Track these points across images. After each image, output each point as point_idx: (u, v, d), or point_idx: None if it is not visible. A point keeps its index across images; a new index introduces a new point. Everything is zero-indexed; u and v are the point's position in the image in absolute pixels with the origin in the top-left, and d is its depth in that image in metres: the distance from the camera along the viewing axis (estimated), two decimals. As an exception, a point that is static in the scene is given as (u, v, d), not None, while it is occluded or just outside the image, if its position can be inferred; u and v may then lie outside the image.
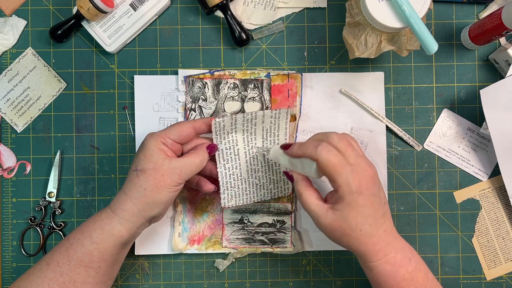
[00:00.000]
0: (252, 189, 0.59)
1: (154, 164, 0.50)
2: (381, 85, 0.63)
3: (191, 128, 0.54)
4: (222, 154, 0.57)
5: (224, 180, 0.58)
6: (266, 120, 0.57)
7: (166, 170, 0.50)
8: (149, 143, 0.52)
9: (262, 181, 0.59)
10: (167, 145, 0.52)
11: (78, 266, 0.50)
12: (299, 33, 0.63)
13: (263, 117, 0.56)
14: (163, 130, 0.53)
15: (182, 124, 0.54)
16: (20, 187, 0.63)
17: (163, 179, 0.50)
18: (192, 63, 0.63)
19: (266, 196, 0.60)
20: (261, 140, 0.58)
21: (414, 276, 0.49)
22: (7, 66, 0.63)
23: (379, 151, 0.62)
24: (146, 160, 0.51)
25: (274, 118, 0.57)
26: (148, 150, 0.51)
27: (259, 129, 0.57)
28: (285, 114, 0.57)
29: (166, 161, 0.51)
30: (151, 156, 0.51)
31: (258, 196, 0.60)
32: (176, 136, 0.53)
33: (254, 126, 0.57)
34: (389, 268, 0.49)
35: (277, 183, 0.60)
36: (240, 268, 0.63)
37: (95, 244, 0.50)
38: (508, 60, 0.59)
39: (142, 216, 0.51)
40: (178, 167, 0.51)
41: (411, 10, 0.50)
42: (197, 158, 0.53)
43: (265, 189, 0.60)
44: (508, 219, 0.63)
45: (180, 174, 0.51)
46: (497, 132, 0.58)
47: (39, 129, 0.63)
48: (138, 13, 0.61)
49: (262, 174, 0.59)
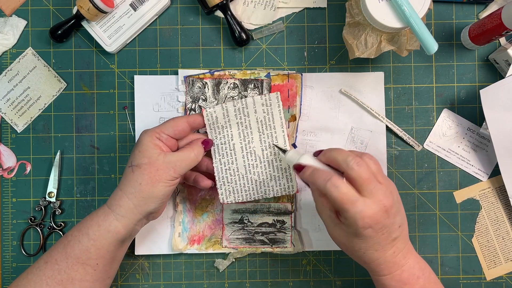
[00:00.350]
0: (251, 185, 0.59)
1: (149, 158, 0.51)
2: (381, 85, 0.63)
3: (186, 122, 0.54)
4: (217, 149, 0.57)
5: (220, 175, 0.58)
6: (258, 110, 0.56)
7: (161, 165, 0.51)
8: (144, 138, 0.52)
9: (262, 177, 0.58)
10: (162, 140, 0.52)
11: (75, 263, 0.50)
12: (299, 33, 0.63)
13: (254, 104, 0.56)
14: (158, 126, 0.53)
15: (176, 119, 0.54)
16: (20, 187, 0.63)
17: (158, 174, 0.50)
18: (192, 63, 0.63)
19: (268, 194, 0.59)
20: (258, 134, 0.57)
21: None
22: (7, 66, 0.63)
23: (379, 151, 0.62)
24: (141, 155, 0.51)
25: (266, 106, 0.56)
26: (143, 145, 0.51)
27: (253, 121, 0.57)
28: (276, 100, 0.56)
29: (161, 155, 0.51)
30: (146, 151, 0.51)
31: (259, 193, 0.59)
32: (171, 131, 0.53)
33: (248, 117, 0.57)
34: (394, 284, 0.48)
35: (279, 180, 0.59)
36: (240, 268, 0.63)
37: (92, 240, 0.50)
38: (508, 60, 0.59)
39: (138, 211, 0.51)
40: (173, 161, 0.51)
41: (411, 10, 0.50)
42: (192, 152, 0.53)
43: (266, 186, 0.59)
44: (508, 219, 0.63)
45: (175, 168, 0.51)
46: (497, 132, 0.58)
47: (39, 129, 0.63)
48: (138, 13, 0.61)
49: (261, 170, 0.58)
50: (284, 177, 0.59)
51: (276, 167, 0.58)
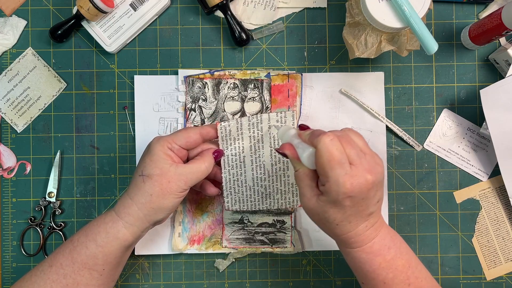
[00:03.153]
0: (257, 197, 0.59)
1: (161, 169, 0.50)
2: (381, 85, 0.63)
3: (198, 134, 0.54)
4: (227, 160, 0.57)
5: (228, 185, 0.58)
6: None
7: (173, 176, 0.50)
8: (156, 147, 0.51)
9: (269, 190, 0.59)
10: (174, 150, 0.52)
11: (82, 268, 0.50)
12: (299, 33, 0.63)
13: (269, 120, 0.56)
14: (170, 135, 0.53)
15: (189, 130, 0.53)
16: (20, 187, 0.63)
17: (169, 186, 0.50)
18: (192, 63, 0.63)
19: (272, 206, 0.60)
20: (269, 148, 0.57)
21: (393, 264, 0.48)
22: (7, 66, 0.63)
23: (379, 151, 0.62)
24: (152, 166, 0.51)
25: (281, 122, 0.56)
26: (155, 155, 0.51)
27: (266, 136, 0.57)
28: (291, 118, 0.56)
29: (173, 167, 0.51)
30: (158, 161, 0.51)
31: (264, 204, 0.59)
32: (183, 142, 0.53)
33: (261, 131, 0.56)
34: (364, 256, 0.48)
35: (285, 194, 0.59)
36: (240, 268, 0.63)
37: (100, 247, 0.50)
38: (508, 60, 0.59)
39: (147, 220, 0.51)
40: (185, 173, 0.51)
41: (411, 10, 0.50)
42: (203, 164, 0.53)
43: (272, 198, 0.59)
44: (508, 219, 0.63)
45: (186, 180, 0.51)
46: (497, 132, 0.58)
47: (39, 129, 0.63)
48: (138, 13, 0.61)
49: (269, 184, 0.58)
50: (290, 192, 0.59)
51: (284, 181, 0.58)
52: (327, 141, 0.43)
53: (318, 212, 0.47)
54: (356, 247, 0.48)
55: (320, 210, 0.46)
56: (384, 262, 0.48)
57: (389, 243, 0.49)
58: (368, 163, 0.45)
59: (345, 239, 0.48)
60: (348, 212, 0.45)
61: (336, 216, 0.46)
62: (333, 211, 0.46)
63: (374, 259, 0.48)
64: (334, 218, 0.46)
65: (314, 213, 0.47)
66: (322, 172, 0.45)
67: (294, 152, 0.47)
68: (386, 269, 0.48)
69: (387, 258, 0.48)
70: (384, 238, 0.49)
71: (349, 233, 0.47)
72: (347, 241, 0.48)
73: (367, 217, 0.47)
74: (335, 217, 0.46)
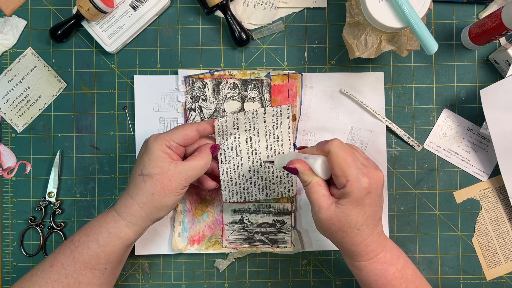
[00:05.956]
0: (254, 188, 0.60)
1: (161, 168, 0.51)
2: (381, 85, 0.63)
3: (195, 131, 0.54)
4: (224, 154, 0.58)
5: (226, 178, 0.59)
6: (268, 119, 0.57)
7: (173, 175, 0.51)
8: (154, 146, 0.52)
9: (265, 181, 0.60)
10: (172, 148, 0.52)
11: (84, 268, 0.50)
12: (299, 33, 0.63)
13: (265, 115, 0.57)
14: (167, 133, 0.53)
15: (186, 127, 0.54)
16: (20, 187, 0.63)
17: (170, 184, 0.51)
18: (192, 63, 0.63)
19: (269, 196, 0.61)
20: (265, 141, 0.58)
21: (404, 273, 0.49)
22: (7, 66, 0.63)
23: (379, 151, 0.62)
24: (152, 165, 0.51)
25: (276, 116, 0.57)
26: (153, 154, 0.51)
27: (261, 129, 0.57)
28: (286, 112, 0.57)
29: (172, 165, 0.51)
30: (157, 160, 0.51)
31: (261, 195, 0.60)
32: (180, 140, 0.53)
33: (257, 125, 0.57)
34: (380, 267, 0.48)
35: (280, 184, 0.60)
36: (240, 268, 0.63)
37: (102, 247, 0.50)
38: (508, 60, 0.59)
39: (149, 219, 0.52)
40: (184, 171, 0.51)
41: (411, 10, 0.50)
42: (202, 161, 0.53)
43: (268, 189, 0.60)
44: (508, 219, 0.63)
45: (186, 177, 0.51)
46: (497, 132, 0.58)
47: (39, 129, 0.63)
48: (138, 13, 0.61)
49: (265, 175, 0.59)
50: (285, 182, 0.60)
51: (279, 172, 0.59)
52: (339, 143, 0.46)
53: (339, 219, 0.47)
54: (372, 257, 0.48)
55: (342, 215, 0.46)
56: (397, 272, 0.49)
57: (397, 252, 0.50)
58: (373, 163, 0.48)
59: (363, 248, 0.48)
60: (367, 212, 0.46)
61: (358, 218, 0.46)
62: (356, 213, 0.46)
63: (388, 269, 0.48)
64: (356, 221, 0.46)
65: (334, 222, 0.47)
66: (340, 173, 0.46)
67: (304, 164, 0.48)
68: (399, 279, 0.49)
69: (399, 267, 0.49)
70: (392, 248, 0.50)
71: (367, 239, 0.48)
72: (365, 249, 0.48)
73: (378, 222, 0.48)
74: (357, 220, 0.46)
